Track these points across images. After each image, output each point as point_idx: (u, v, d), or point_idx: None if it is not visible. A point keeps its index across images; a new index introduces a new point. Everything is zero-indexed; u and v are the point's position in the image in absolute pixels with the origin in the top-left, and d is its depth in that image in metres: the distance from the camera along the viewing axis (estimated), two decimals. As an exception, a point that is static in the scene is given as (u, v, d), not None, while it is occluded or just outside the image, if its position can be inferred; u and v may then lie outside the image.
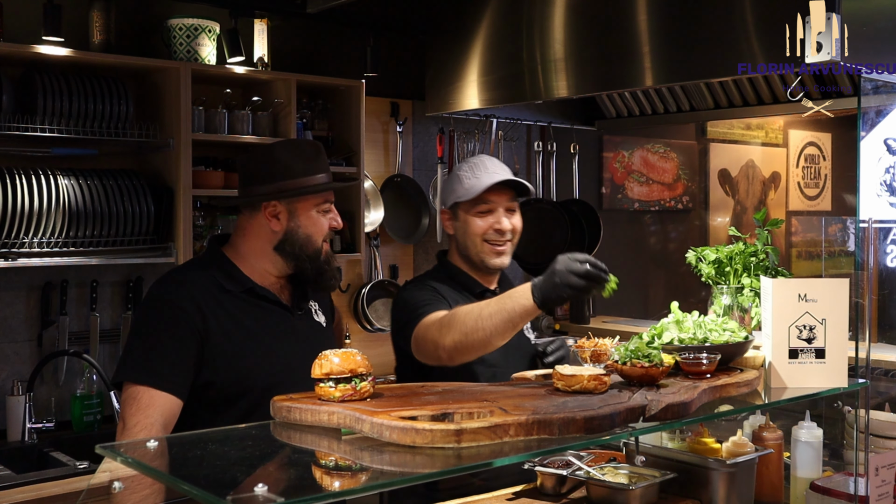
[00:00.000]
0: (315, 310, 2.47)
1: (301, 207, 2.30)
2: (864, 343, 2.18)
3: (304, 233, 2.31)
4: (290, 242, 2.30)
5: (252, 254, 2.32)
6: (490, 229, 2.58)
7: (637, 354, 1.90)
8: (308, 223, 2.31)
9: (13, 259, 3.11)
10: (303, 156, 2.32)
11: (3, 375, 3.36)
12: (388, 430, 1.55)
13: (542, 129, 5.02)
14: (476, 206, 2.59)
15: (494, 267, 2.62)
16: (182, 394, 2.16)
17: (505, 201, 2.60)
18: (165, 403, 2.13)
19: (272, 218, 2.30)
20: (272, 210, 2.29)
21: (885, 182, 2.41)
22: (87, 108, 3.27)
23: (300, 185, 2.29)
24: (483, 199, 2.58)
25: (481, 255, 2.61)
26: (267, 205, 2.29)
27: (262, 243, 2.32)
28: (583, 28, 3.44)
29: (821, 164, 6.85)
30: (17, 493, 2.75)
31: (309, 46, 4.18)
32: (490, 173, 2.58)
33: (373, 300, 4.40)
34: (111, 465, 1.61)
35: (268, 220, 2.30)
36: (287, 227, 2.30)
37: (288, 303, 2.37)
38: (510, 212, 2.61)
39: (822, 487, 2.16)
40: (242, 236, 2.34)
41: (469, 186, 2.59)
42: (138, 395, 2.13)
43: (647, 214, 5.81)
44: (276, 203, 2.29)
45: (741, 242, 2.47)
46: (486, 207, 2.58)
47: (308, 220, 2.31)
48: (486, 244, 2.59)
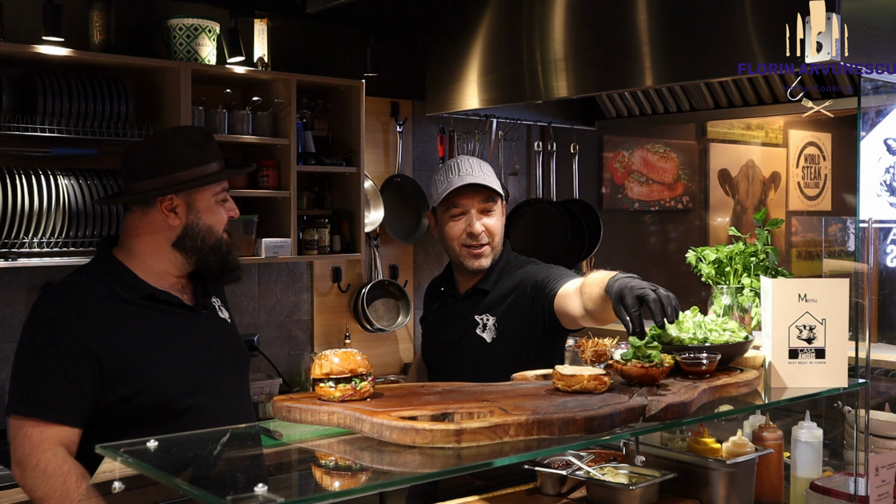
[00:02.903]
0: (218, 306, 2.35)
1: (199, 199, 2.18)
2: (864, 343, 2.18)
3: (206, 224, 2.18)
4: (190, 236, 2.17)
5: (147, 254, 2.18)
6: (464, 233, 2.58)
7: (637, 354, 1.90)
8: (208, 214, 2.19)
9: (13, 259, 3.11)
10: (194, 144, 2.19)
11: (3, 375, 3.36)
12: (388, 430, 1.55)
13: (542, 129, 5.02)
14: (448, 209, 2.60)
15: (473, 269, 2.61)
16: (77, 421, 2.02)
17: (477, 203, 2.57)
18: (59, 435, 2.00)
19: (169, 213, 2.15)
20: (168, 204, 2.15)
21: (885, 182, 2.41)
22: (87, 108, 3.27)
23: (196, 176, 2.15)
24: (454, 203, 2.58)
25: (460, 259, 2.62)
26: (163, 199, 2.14)
27: (159, 241, 2.17)
28: (583, 28, 3.45)
29: (821, 164, 6.85)
30: (17, 493, 2.74)
31: (309, 46, 4.18)
32: (460, 176, 2.56)
33: (373, 300, 4.40)
34: (111, 465, 1.61)
35: (164, 216, 2.15)
36: (186, 220, 2.17)
37: (191, 303, 2.23)
38: (484, 213, 2.58)
39: (822, 487, 2.16)
40: (135, 236, 2.19)
41: (441, 190, 2.59)
42: (27, 432, 1.99)
43: (647, 214, 5.81)
44: (173, 197, 2.14)
45: (741, 242, 2.47)
46: (458, 211, 2.58)
47: (208, 211, 2.19)
48: (464, 248, 2.59)
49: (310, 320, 4.23)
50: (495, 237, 2.60)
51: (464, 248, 2.59)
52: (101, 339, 2.04)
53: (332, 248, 3.98)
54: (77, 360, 2.02)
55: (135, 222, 2.19)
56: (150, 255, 2.19)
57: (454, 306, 2.68)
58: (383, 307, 4.45)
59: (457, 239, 2.59)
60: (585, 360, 1.99)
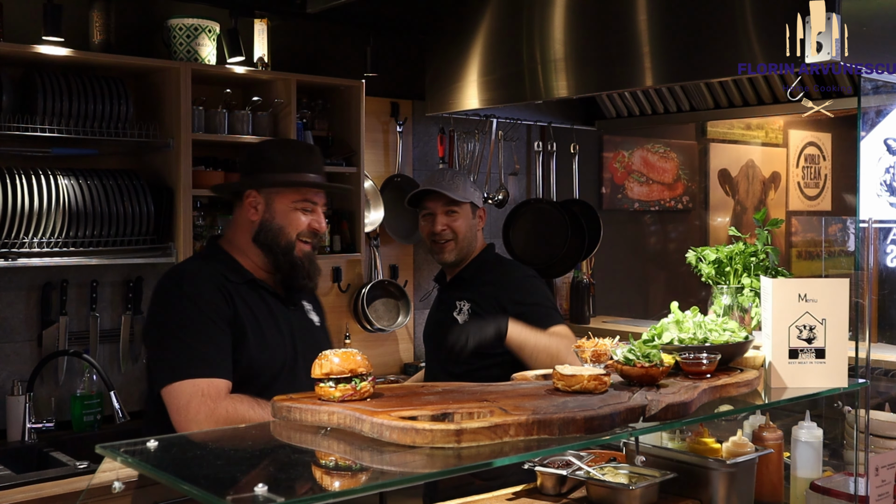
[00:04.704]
0: (308, 309, 2.52)
1: (278, 199, 2.34)
2: (864, 343, 2.18)
3: (278, 224, 2.34)
4: (264, 233, 2.34)
5: (241, 245, 2.38)
6: (429, 230, 3.03)
7: (637, 354, 1.90)
8: (282, 216, 2.34)
9: (13, 259, 3.11)
10: (290, 153, 2.38)
11: (3, 375, 3.36)
12: (388, 430, 1.55)
13: (542, 129, 5.02)
14: (421, 211, 3.06)
15: (441, 262, 3.08)
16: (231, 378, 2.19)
17: (441, 205, 2.99)
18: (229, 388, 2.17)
19: (251, 208, 2.35)
20: (251, 200, 2.35)
21: (885, 182, 2.41)
22: (87, 108, 3.27)
23: (280, 179, 2.33)
24: (422, 206, 3.04)
25: (431, 253, 3.10)
26: (247, 194, 2.34)
27: (245, 234, 2.37)
28: (583, 28, 3.44)
29: (821, 164, 6.85)
30: (17, 493, 2.75)
31: (309, 46, 4.18)
32: (430, 183, 3.01)
33: (373, 300, 4.40)
34: (112, 465, 1.61)
35: (247, 211, 2.35)
36: (262, 217, 2.34)
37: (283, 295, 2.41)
38: (449, 214, 3.00)
39: (822, 487, 2.17)
40: (233, 229, 2.41)
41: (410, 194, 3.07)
42: (203, 389, 2.14)
43: (647, 214, 5.81)
44: (255, 193, 2.33)
45: (741, 242, 2.47)
46: (426, 212, 3.04)
47: (283, 212, 2.34)
48: (433, 243, 3.04)
49: (310, 320, 4.23)
50: (459, 234, 3.00)
51: (433, 243, 3.04)
52: (229, 310, 2.24)
53: (332, 248, 3.98)
54: (223, 325, 2.22)
55: (234, 216, 2.43)
56: (243, 246, 2.38)
57: (443, 292, 3.16)
58: (383, 307, 4.45)
59: (426, 236, 3.06)
60: (585, 360, 2.00)
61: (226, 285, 2.28)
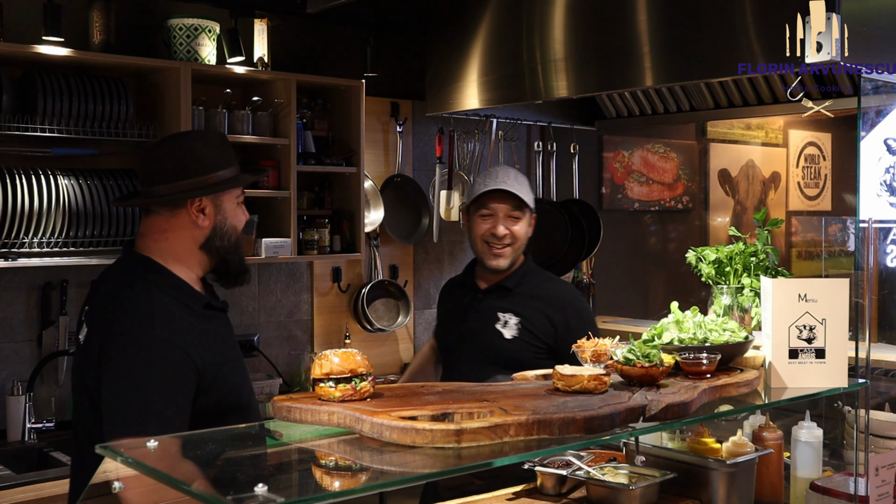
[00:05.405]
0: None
1: (226, 200, 2.24)
2: (864, 343, 2.18)
3: (231, 224, 2.25)
4: (218, 237, 2.22)
5: (180, 255, 2.20)
6: (488, 232, 2.83)
7: (637, 354, 1.90)
8: (232, 216, 2.25)
9: (13, 259, 3.11)
10: (218, 148, 2.26)
11: (3, 375, 3.36)
12: (388, 430, 1.55)
13: (542, 129, 5.02)
14: (479, 209, 2.86)
15: (491, 267, 2.86)
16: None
17: (506, 209, 2.83)
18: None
19: (198, 214, 2.19)
20: (199, 206, 2.18)
21: (885, 182, 2.41)
22: (86, 108, 3.27)
23: (224, 178, 2.22)
24: (483, 204, 2.85)
25: (481, 255, 2.89)
26: (193, 201, 2.17)
27: (186, 242, 2.20)
28: (583, 28, 3.44)
29: (821, 164, 6.85)
30: (17, 493, 2.75)
31: (309, 46, 4.18)
32: (497, 182, 2.82)
33: (373, 300, 4.40)
34: (111, 465, 1.61)
35: (193, 217, 2.18)
36: (215, 221, 2.21)
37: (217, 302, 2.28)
38: (512, 219, 2.84)
39: (822, 487, 2.16)
40: (164, 240, 2.20)
41: (476, 191, 2.87)
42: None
43: (647, 214, 5.81)
44: (202, 198, 2.19)
45: (741, 242, 2.47)
46: (487, 212, 2.84)
47: (232, 212, 2.25)
48: (486, 245, 2.85)
49: (310, 320, 4.23)
50: (517, 241, 2.85)
51: (486, 244, 2.85)
52: (198, 353, 2.08)
53: (332, 248, 3.98)
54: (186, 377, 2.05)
55: (160, 225, 2.20)
56: (182, 257, 2.21)
57: (476, 300, 2.92)
58: (383, 307, 4.45)
59: (480, 236, 2.85)
60: (585, 360, 2.00)
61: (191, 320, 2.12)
